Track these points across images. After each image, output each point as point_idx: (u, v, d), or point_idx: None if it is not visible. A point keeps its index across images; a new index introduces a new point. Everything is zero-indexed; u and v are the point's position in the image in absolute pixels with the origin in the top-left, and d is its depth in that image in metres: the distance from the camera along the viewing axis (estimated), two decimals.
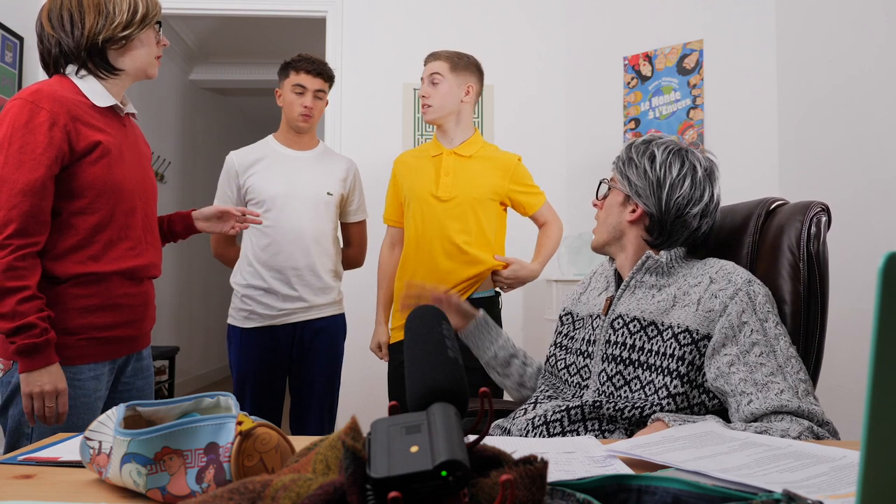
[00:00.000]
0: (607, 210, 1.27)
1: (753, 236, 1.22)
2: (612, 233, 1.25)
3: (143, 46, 1.43)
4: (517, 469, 0.43)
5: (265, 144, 2.21)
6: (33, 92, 1.30)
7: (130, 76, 1.44)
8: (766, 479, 0.64)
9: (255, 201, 2.10)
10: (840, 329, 2.05)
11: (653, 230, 1.20)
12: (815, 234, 1.13)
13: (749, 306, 1.06)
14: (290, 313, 2.09)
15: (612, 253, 1.28)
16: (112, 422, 0.70)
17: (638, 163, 1.21)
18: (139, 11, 1.39)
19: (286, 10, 3.46)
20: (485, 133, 3.35)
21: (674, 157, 1.19)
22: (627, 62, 3.17)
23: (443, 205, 2.04)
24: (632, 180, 1.21)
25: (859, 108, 2.22)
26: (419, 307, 0.60)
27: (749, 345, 1.04)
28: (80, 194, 1.33)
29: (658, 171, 1.18)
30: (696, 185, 1.17)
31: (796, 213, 1.16)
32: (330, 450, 0.47)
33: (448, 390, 0.47)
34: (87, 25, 1.36)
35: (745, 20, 2.82)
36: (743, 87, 2.82)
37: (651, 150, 1.21)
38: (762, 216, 1.22)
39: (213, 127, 5.99)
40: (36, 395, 1.26)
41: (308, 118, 2.12)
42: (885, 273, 0.32)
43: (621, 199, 1.23)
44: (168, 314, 5.01)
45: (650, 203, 1.19)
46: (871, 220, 2.11)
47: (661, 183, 1.18)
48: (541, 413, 1.16)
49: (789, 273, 1.13)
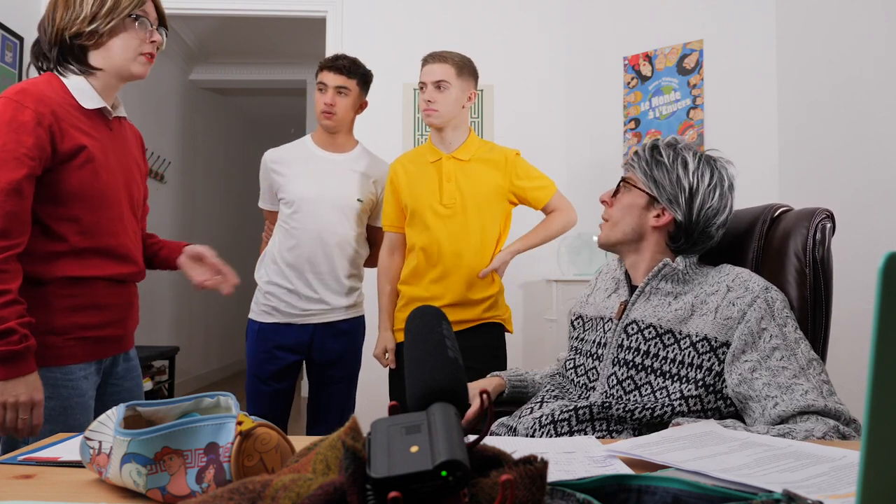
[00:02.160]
0: (625, 210, 1.22)
1: (759, 242, 1.22)
2: (630, 234, 1.22)
3: (120, 42, 1.34)
4: (517, 469, 0.43)
5: (301, 144, 2.20)
6: (18, 91, 1.25)
7: (111, 75, 1.36)
8: (766, 479, 0.64)
9: (284, 201, 2.11)
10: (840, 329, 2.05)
11: (678, 238, 1.18)
12: (821, 240, 1.13)
13: (767, 313, 1.06)
14: (311, 314, 2.10)
15: (623, 253, 1.26)
16: (112, 422, 0.70)
17: (670, 167, 1.17)
18: (106, 4, 1.32)
19: (286, 10, 3.46)
20: (485, 133, 3.35)
21: (705, 166, 1.17)
22: (627, 62, 3.17)
23: (449, 212, 2.03)
24: (662, 184, 1.18)
25: (859, 108, 2.22)
26: (419, 307, 0.60)
27: (770, 350, 1.04)
28: (65, 200, 1.29)
29: (691, 178, 1.16)
30: (724, 196, 1.17)
31: (802, 220, 1.16)
32: (330, 450, 0.47)
33: (448, 390, 0.47)
34: (56, 20, 1.32)
35: (745, 20, 2.82)
36: (743, 88, 2.82)
37: (683, 156, 1.18)
38: (767, 222, 1.22)
39: (213, 127, 5.99)
40: (10, 406, 1.19)
41: (329, 115, 2.08)
42: (885, 273, 0.32)
43: (644, 201, 1.20)
44: (168, 314, 5.01)
45: (680, 210, 1.16)
46: (872, 220, 2.11)
47: (694, 192, 1.16)
48: (548, 412, 1.15)
49: (796, 279, 1.14)
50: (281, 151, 2.19)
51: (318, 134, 2.18)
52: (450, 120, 2.05)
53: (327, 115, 2.09)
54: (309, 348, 2.13)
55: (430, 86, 2.04)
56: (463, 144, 2.09)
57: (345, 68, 2.08)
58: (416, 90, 3.21)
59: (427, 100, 2.04)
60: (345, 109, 2.11)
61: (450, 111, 2.03)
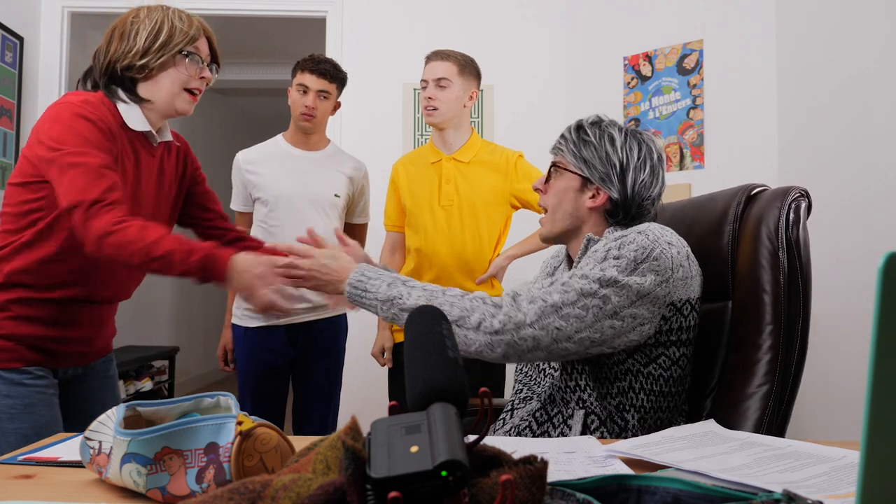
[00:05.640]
0: (559, 195, 1.19)
1: (733, 224, 1.18)
2: (570, 220, 1.19)
3: (168, 77, 1.35)
4: (517, 469, 0.43)
5: (274, 143, 2.21)
6: (82, 101, 1.27)
7: (157, 108, 1.37)
8: (766, 479, 0.64)
9: (261, 200, 2.11)
10: (840, 329, 2.05)
11: (616, 214, 1.16)
12: (794, 220, 1.09)
13: (601, 254, 1.07)
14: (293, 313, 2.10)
15: (567, 241, 1.23)
16: (112, 422, 0.70)
17: (598, 145, 1.15)
18: (160, 39, 1.33)
19: (286, 10, 3.46)
20: (485, 133, 3.34)
21: (632, 140, 1.15)
22: (627, 62, 3.17)
23: (447, 213, 2.03)
24: (592, 164, 1.15)
25: (860, 108, 2.22)
26: (419, 307, 0.60)
27: (568, 276, 1.07)
28: None
29: (620, 153, 1.14)
30: (654, 169, 1.15)
31: (775, 200, 1.12)
32: (330, 450, 0.47)
33: (448, 390, 0.47)
34: (110, 52, 1.34)
35: (745, 20, 2.82)
36: (743, 87, 2.82)
37: (609, 132, 1.16)
38: (741, 203, 1.18)
39: (213, 127, 5.99)
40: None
41: (309, 118, 2.11)
42: (885, 273, 0.32)
43: (577, 184, 1.17)
44: (168, 314, 5.01)
45: (614, 188, 1.14)
46: (872, 219, 2.11)
47: (625, 167, 1.13)
48: (517, 422, 1.16)
49: (769, 262, 1.10)
50: (254, 152, 2.20)
51: (292, 133, 2.19)
52: (450, 119, 2.05)
53: (308, 117, 2.10)
54: (293, 348, 2.13)
55: (432, 83, 2.03)
56: (464, 146, 2.08)
57: (328, 73, 2.10)
58: (416, 90, 3.21)
59: (428, 97, 2.03)
60: (324, 112, 2.14)
61: (450, 110, 2.03)
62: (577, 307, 1.02)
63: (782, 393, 1.06)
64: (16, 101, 3.16)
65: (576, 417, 1.09)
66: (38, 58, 3.28)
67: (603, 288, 1.02)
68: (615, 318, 1.02)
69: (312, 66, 2.09)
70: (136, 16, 1.35)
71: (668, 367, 1.10)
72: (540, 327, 1.01)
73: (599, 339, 1.03)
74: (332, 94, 2.13)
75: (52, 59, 3.30)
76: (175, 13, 1.37)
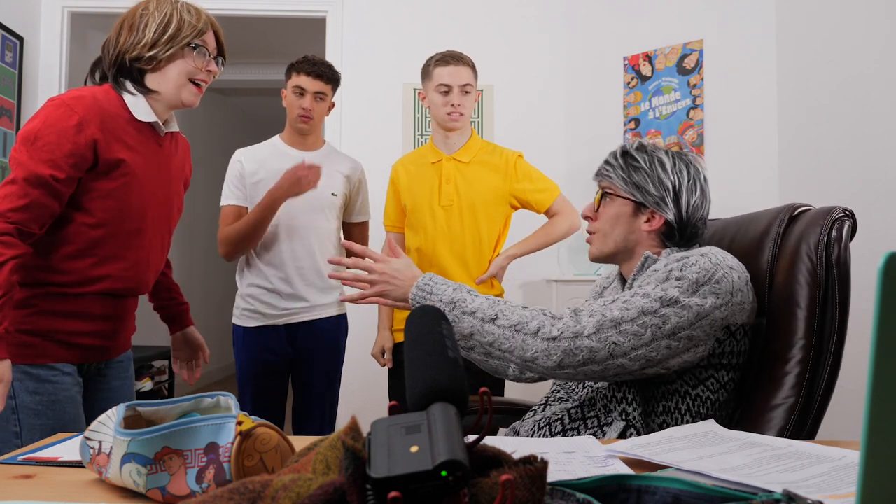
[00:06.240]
0: (612, 221, 1.21)
1: (775, 241, 1.19)
2: (623, 243, 1.21)
3: (175, 69, 1.37)
4: (517, 469, 0.43)
5: (270, 144, 2.22)
6: (75, 97, 1.29)
7: (164, 99, 1.40)
8: (766, 479, 0.64)
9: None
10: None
11: (672, 236, 1.18)
12: (836, 238, 1.09)
13: (662, 275, 1.07)
14: (292, 313, 2.10)
15: (619, 262, 1.25)
16: (112, 422, 0.70)
17: (649, 170, 1.17)
18: (168, 31, 1.35)
19: (286, 10, 3.46)
20: (485, 133, 3.35)
21: (680, 162, 1.18)
22: (627, 62, 3.17)
23: (447, 213, 2.03)
24: (645, 189, 1.17)
25: (860, 108, 2.22)
26: (419, 307, 0.60)
27: (629, 294, 1.07)
28: (91, 209, 1.31)
29: (672, 177, 1.16)
30: (703, 189, 1.18)
31: (817, 219, 1.13)
32: (330, 450, 0.47)
33: (448, 390, 0.47)
34: (119, 42, 1.36)
35: (745, 20, 2.82)
36: (743, 87, 2.82)
37: (658, 157, 1.18)
38: (784, 222, 1.19)
39: (213, 127, 5.99)
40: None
41: (307, 119, 2.11)
42: (885, 273, 0.32)
43: (630, 209, 1.19)
44: None
45: (670, 210, 1.16)
46: (872, 219, 2.11)
47: (678, 190, 1.16)
48: (549, 415, 1.18)
49: (806, 279, 1.10)
50: (253, 151, 2.20)
51: (288, 134, 2.20)
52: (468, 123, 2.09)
53: (305, 119, 2.11)
54: (293, 348, 2.13)
55: (457, 89, 2.01)
56: (465, 146, 2.09)
57: (324, 75, 2.11)
58: (416, 90, 3.21)
59: (455, 104, 2.01)
60: (321, 114, 2.15)
61: (470, 114, 2.06)
62: (637, 324, 1.02)
63: (807, 407, 1.05)
64: (16, 101, 3.17)
65: (614, 426, 1.10)
66: (38, 58, 3.28)
67: (664, 307, 1.03)
68: (672, 338, 1.03)
69: (309, 69, 2.10)
70: (145, 8, 1.37)
71: (716, 390, 1.10)
72: (598, 340, 1.02)
73: (655, 358, 1.03)
74: (327, 95, 2.14)
75: (52, 59, 3.30)
76: (184, 6, 1.39)
